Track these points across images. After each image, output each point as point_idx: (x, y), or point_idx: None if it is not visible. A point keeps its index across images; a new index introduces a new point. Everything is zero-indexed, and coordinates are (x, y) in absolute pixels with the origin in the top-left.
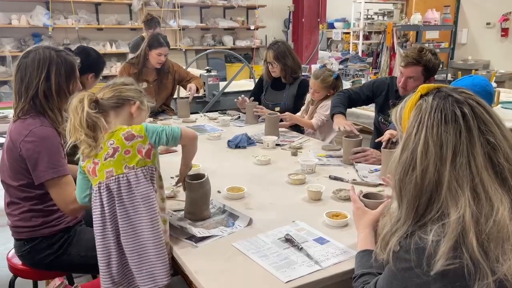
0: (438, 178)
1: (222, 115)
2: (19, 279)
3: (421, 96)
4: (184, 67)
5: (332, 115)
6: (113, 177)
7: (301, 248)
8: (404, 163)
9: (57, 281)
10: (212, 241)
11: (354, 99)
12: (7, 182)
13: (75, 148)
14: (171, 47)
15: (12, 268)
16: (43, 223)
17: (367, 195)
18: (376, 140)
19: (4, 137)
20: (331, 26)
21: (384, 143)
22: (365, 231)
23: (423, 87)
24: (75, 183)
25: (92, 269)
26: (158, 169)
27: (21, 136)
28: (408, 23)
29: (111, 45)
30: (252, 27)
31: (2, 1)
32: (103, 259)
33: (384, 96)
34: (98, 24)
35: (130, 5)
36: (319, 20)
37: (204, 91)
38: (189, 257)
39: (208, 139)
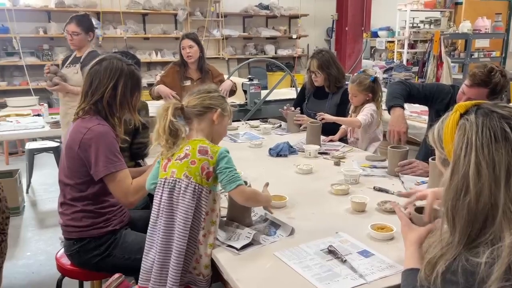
0: (493, 201)
1: (263, 123)
2: (65, 279)
3: (461, 115)
4: (227, 76)
5: (390, 107)
6: (173, 178)
7: (345, 261)
8: (455, 188)
9: (116, 275)
10: (253, 250)
11: (413, 95)
12: (64, 181)
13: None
14: (213, 56)
15: (60, 267)
16: (92, 224)
17: (420, 209)
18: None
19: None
20: (374, 35)
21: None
22: (411, 248)
23: (461, 106)
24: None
25: (135, 272)
26: (216, 193)
27: (80, 133)
28: (457, 31)
29: (157, 54)
30: (294, 36)
31: (57, 13)
32: (148, 246)
33: (445, 105)
34: (145, 33)
35: (175, 15)
36: (363, 28)
37: (246, 99)
38: (230, 264)
39: (250, 147)
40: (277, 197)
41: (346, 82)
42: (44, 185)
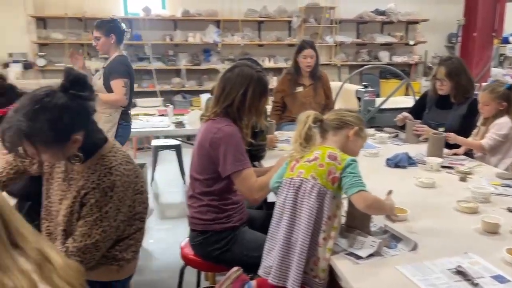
0: None
1: (378, 132)
2: (187, 268)
3: None
4: (340, 82)
5: None
6: (299, 178)
7: (477, 284)
8: None
9: (235, 268)
10: (373, 260)
11: None
12: (194, 176)
13: None
14: (325, 63)
15: (184, 257)
16: (215, 218)
17: None
18: None
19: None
20: (504, 41)
21: None
22: None
23: None
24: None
25: (251, 268)
26: (339, 200)
27: (210, 133)
28: None
29: (270, 60)
30: (411, 42)
31: (182, 21)
32: (270, 243)
33: None
34: (260, 40)
35: (289, 22)
36: (494, 34)
37: (360, 106)
38: (351, 272)
39: (365, 155)
40: (398, 209)
41: (476, 92)
42: (166, 180)
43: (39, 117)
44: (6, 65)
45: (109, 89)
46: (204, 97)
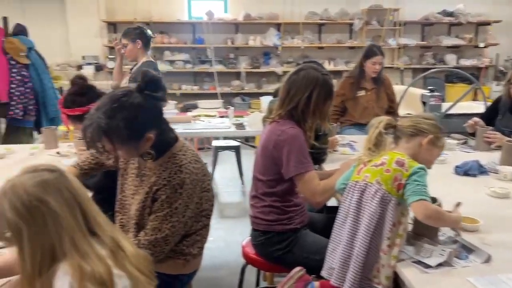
0: None
1: (445, 138)
2: (248, 266)
3: None
4: (402, 85)
5: None
6: (364, 182)
7: None
8: None
9: (297, 268)
10: (442, 270)
11: None
12: (257, 176)
13: None
14: (387, 66)
15: (245, 255)
16: (277, 219)
17: None
18: None
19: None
20: None
21: None
22: None
23: None
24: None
25: (311, 271)
26: (404, 207)
27: (275, 135)
28: None
29: (329, 63)
30: (482, 45)
31: (244, 25)
32: (334, 244)
33: None
34: (320, 43)
35: (351, 24)
36: None
37: (425, 111)
38: (418, 282)
39: None
40: (469, 219)
41: None
42: (224, 179)
43: (117, 115)
44: (79, 67)
45: None
46: (265, 99)
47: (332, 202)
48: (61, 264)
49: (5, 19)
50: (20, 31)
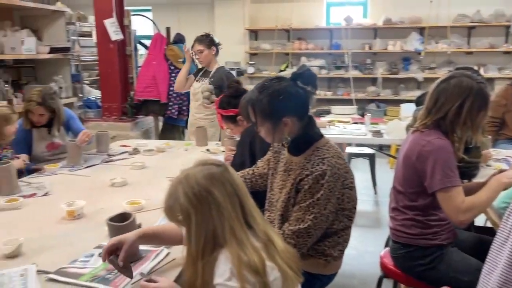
0: None
1: None
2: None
3: None
4: None
5: None
6: None
7: None
8: None
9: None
10: None
11: None
12: (397, 188)
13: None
14: None
15: (383, 266)
16: (420, 233)
17: None
18: None
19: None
20: None
21: None
22: None
23: None
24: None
25: None
26: None
27: (419, 145)
28: None
29: (479, 69)
30: None
31: (383, 30)
32: (490, 266)
33: None
34: (469, 47)
35: (508, 27)
36: None
37: None
38: None
39: None
40: None
41: None
42: (357, 188)
43: (264, 91)
44: None
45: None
46: (405, 107)
47: (479, 222)
48: (223, 250)
49: (167, 29)
50: (179, 39)
